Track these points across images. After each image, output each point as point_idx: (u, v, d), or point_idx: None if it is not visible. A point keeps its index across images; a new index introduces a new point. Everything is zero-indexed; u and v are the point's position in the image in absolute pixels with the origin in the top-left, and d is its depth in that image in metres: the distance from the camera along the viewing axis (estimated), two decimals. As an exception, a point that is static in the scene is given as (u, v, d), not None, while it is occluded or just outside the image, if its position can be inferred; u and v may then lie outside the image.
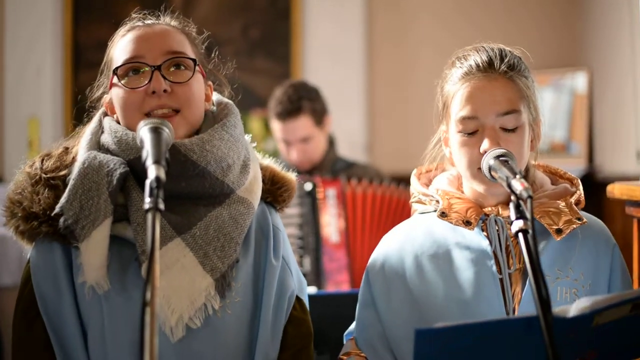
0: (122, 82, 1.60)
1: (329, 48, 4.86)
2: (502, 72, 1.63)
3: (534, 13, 4.74)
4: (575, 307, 1.29)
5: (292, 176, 1.78)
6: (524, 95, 1.64)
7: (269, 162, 1.79)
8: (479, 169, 1.62)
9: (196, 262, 1.54)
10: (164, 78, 1.58)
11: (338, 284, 3.04)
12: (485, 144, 1.60)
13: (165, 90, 1.57)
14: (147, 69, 1.59)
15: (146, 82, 1.58)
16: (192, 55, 1.64)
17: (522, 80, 1.65)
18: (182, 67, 1.62)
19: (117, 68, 1.61)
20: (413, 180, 1.80)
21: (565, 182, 1.76)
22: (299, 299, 1.69)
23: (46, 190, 1.58)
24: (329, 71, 4.76)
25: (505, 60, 1.64)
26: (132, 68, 1.61)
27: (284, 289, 1.65)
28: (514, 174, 1.47)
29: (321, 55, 4.86)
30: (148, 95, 1.58)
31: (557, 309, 1.28)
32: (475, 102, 1.63)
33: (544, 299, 1.25)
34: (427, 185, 1.79)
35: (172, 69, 1.61)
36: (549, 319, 1.24)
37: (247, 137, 1.75)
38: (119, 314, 1.53)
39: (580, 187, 1.74)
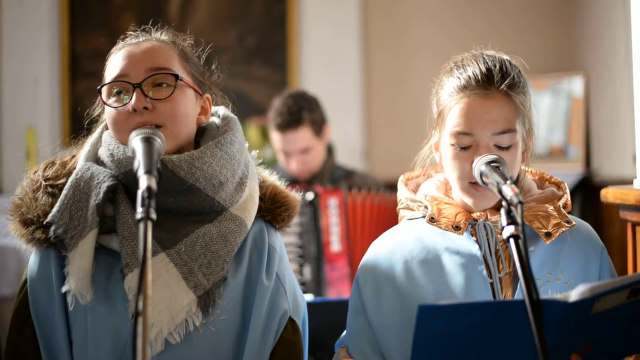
0: (109, 101, 1.63)
1: (325, 55, 4.86)
2: (500, 90, 1.62)
3: (530, 18, 4.76)
4: (575, 293, 1.30)
5: (295, 196, 1.76)
6: (520, 112, 1.64)
7: (273, 179, 1.77)
8: (470, 183, 1.63)
9: (180, 277, 1.54)
10: (145, 95, 1.59)
11: (340, 293, 3.03)
12: None
13: (146, 108, 1.59)
14: (130, 87, 1.60)
15: (129, 100, 1.60)
16: (178, 70, 1.65)
17: (520, 97, 1.64)
18: (164, 84, 1.62)
19: (101, 86, 1.64)
20: (400, 186, 1.80)
21: (552, 186, 1.76)
22: (292, 321, 1.68)
23: (44, 197, 1.61)
24: (326, 78, 4.77)
25: (506, 77, 1.63)
26: (116, 87, 1.63)
27: (275, 309, 1.64)
28: (505, 179, 1.48)
29: (318, 62, 4.87)
30: (131, 113, 1.59)
31: (559, 295, 1.29)
32: (472, 120, 1.62)
33: (535, 304, 1.26)
34: (415, 191, 1.79)
35: (156, 85, 1.62)
36: (540, 323, 1.24)
37: (254, 153, 1.75)
38: (101, 323, 1.55)
39: (567, 191, 1.74)
